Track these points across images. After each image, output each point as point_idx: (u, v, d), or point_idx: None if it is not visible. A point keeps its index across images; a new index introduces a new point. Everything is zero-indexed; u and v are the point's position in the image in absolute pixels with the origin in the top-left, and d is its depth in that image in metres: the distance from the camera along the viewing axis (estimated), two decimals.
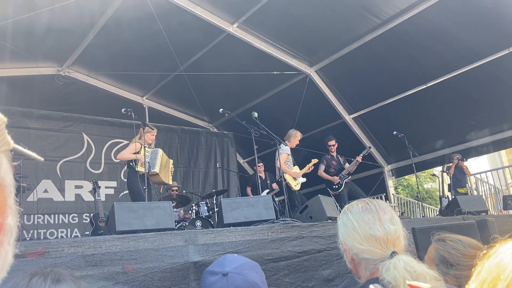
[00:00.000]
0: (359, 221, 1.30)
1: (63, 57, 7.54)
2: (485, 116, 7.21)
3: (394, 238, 1.26)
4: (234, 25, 6.72)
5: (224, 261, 1.34)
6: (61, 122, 7.91)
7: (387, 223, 1.28)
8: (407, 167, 8.36)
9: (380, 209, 1.33)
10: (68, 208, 7.56)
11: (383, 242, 1.25)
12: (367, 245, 1.26)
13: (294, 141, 6.75)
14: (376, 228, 1.27)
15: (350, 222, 1.33)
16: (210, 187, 9.26)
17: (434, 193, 18.66)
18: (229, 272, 1.29)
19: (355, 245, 1.29)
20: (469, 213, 5.08)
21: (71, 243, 2.11)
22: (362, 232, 1.28)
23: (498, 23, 5.98)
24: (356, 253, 1.29)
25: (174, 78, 8.08)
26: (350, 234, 1.32)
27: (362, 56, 7.16)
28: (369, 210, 1.33)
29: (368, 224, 1.28)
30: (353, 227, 1.31)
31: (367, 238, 1.26)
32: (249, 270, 1.33)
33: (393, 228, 1.28)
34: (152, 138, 5.49)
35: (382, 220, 1.29)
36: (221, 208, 3.68)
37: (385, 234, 1.26)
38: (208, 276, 1.31)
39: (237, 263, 1.32)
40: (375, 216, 1.30)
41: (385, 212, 1.32)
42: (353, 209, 1.36)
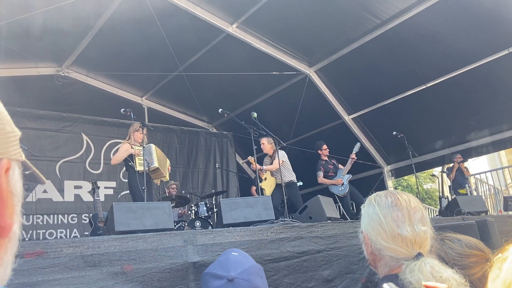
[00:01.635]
0: (387, 217, 1.23)
1: (62, 58, 7.53)
2: (484, 116, 7.21)
3: (423, 239, 1.20)
4: (233, 25, 6.71)
5: (227, 264, 1.31)
6: (60, 122, 7.89)
7: (417, 224, 1.21)
8: (407, 168, 8.36)
9: (411, 206, 1.25)
10: (67, 208, 7.55)
11: (409, 243, 1.19)
12: (393, 243, 1.20)
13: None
14: (404, 228, 1.20)
15: (376, 216, 1.25)
16: (210, 188, 9.25)
17: (433, 193, 18.66)
18: (235, 278, 1.26)
19: (379, 241, 1.23)
20: (469, 213, 5.07)
21: (69, 243, 2.11)
22: (389, 230, 1.21)
23: (497, 24, 5.99)
24: (379, 249, 1.23)
25: (174, 78, 8.07)
26: (375, 229, 1.25)
27: (361, 56, 7.15)
28: (399, 206, 1.24)
29: (396, 222, 1.21)
30: (380, 223, 1.23)
31: (394, 236, 1.20)
32: (255, 275, 1.30)
33: (423, 230, 1.21)
34: (141, 136, 5.50)
35: (412, 219, 1.22)
36: (220, 209, 3.68)
37: (414, 235, 1.19)
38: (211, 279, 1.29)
39: (242, 267, 1.29)
40: (405, 215, 1.22)
41: (416, 210, 1.24)
42: (382, 202, 1.28)
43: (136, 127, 5.54)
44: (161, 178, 5.96)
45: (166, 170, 5.81)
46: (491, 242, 3.33)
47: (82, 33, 6.71)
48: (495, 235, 3.67)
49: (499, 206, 9.33)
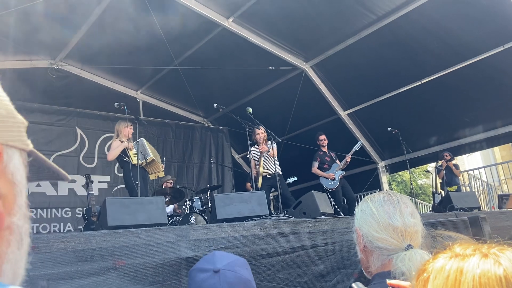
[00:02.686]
0: (379, 210, 1.29)
1: (56, 50, 7.47)
2: (479, 113, 7.25)
3: (413, 231, 1.25)
4: (229, 20, 6.68)
5: (213, 258, 1.32)
6: (54, 115, 7.84)
7: (407, 216, 1.27)
8: (401, 163, 8.40)
9: (402, 201, 1.32)
10: (61, 202, 7.51)
11: (400, 234, 1.24)
12: (384, 233, 1.25)
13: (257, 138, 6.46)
14: (395, 218, 1.26)
15: (369, 209, 1.32)
16: (205, 182, 9.23)
17: (427, 189, 18.79)
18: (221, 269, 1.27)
19: (371, 232, 1.28)
20: (462, 209, 5.10)
21: (61, 238, 2.09)
22: (380, 220, 1.27)
23: (492, 20, 6.00)
24: (371, 241, 1.28)
25: (169, 72, 8.03)
26: (367, 221, 1.30)
27: (357, 52, 7.15)
28: (390, 201, 1.32)
29: (388, 213, 1.28)
30: (372, 215, 1.30)
31: (385, 226, 1.26)
32: (240, 267, 1.31)
33: (413, 221, 1.27)
34: (131, 132, 5.49)
35: (403, 212, 1.28)
36: (214, 204, 3.67)
37: (404, 226, 1.25)
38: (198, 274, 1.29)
39: (228, 260, 1.31)
40: (396, 207, 1.29)
41: (407, 205, 1.31)
42: (374, 198, 1.36)
43: (124, 124, 5.53)
44: (157, 173, 5.96)
45: (160, 165, 5.81)
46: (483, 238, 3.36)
47: (76, 26, 6.65)
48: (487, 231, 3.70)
49: (492, 202, 9.41)
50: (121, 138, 5.50)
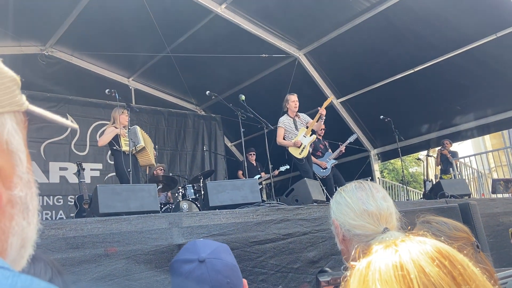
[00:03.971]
0: (353, 198, 1.32)
1: (46, 36, 7.35)
2: (470, 101, 7.29)
3: (387, 214, 1.28)
4: (222, 6, 6.60)
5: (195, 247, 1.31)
6: (45, 102, 7.74)
7: (380, 200, 1.30)
8: (393, 151, 8.44)
9: (373, 187, 1.35)
10: (52, 190, 7.48)
11: (375, 218, 1.26)
12: (360, 220, 1.27)
13: (290, 107, 6.14)
14: (369, 203, 1.28)
15: (343, 199, 1.34)
16: (197, 170, 9.23)
17: (418, 177, 18.95)
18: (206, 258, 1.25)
19: (348, 221, 1.29)
20: (452, 196, 5.16)
21: (51, 225, 2.08)
22: (355, 207, 1.29)
23: (485, 8, 5.99)
24: (348, 230, 1.29)
25: (161, 59, 7.95)
26: (342, 211, 1.32)
27: (350, 39, 7.12)
28: (362, 188, 1.34)
29: (361, 200, 1.30)
30: (346, 204, 1.32)
31: (360, 213, 1.27)
32: (225, 253, 1.31)
33: (386, 205, 1.29)
34: (126, 119, 5.45)
35: (375, 196, 1.30)
36: (206, 191, 3.67)
37: (378, 209, 1.27)
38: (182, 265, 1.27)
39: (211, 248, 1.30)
40: (368, 193, 1.31)
41: (378, 190, 1.34)
42: (347, 188, 1.38)
43: (120, 111, 5.49)
44: (148, 165, 5.95)
45: (152, 154, 5.78)
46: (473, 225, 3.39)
47: (66, 11, 6.54)
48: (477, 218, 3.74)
49: (482, 189, 9.53)
50: (117, 125, 5.47)
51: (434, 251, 0.59)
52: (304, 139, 5.98)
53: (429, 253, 0.59)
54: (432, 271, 0.56)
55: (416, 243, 0.62)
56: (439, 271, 0.56)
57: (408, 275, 0.56)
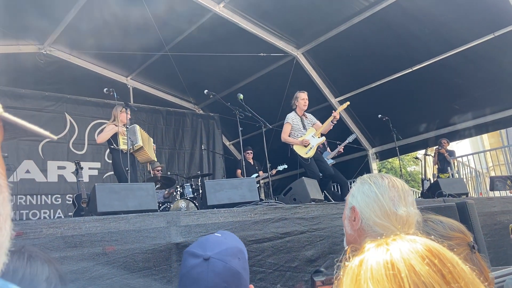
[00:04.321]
0: (384, 196, 1.27)
1: (44, 35, 7.34)
2: (468, 100, 7.30)
3: (413, 221, 1.25)
4: (220, 5, 6.60)
5: (206, 243, 1.31)
6: (43, 101, 7.74)
7: (410, 205, 1.26)
8: (391, 150, 8.46)
9: (405, 190, 1.30)
10: (50, 189, 7.48)
11: (402, 223, 1.23)
12: (386, 221, 1.23)
13: (299, 104, 5.98)
14: (400, 208, 1.24)
15: (373, 193, 1.29)
16: (196, 169, 9.24)
17: (417, 175, 18.98)
18: (211, 257, 1.26)
19: (373, 217, 1.26)
20: (450, 195, 5.17)
21: (49, 224, 2.08)
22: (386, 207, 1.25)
23: (483, 8, 6.00)
24: (370, 225, 1.26)
25: (159, 58, 7.95)
26: (369, 205, 1.28)
27: (349, 39, 7.13)
28: (396, 187, 1.29)
29: (393, 201, 1.25)
30: (376, 200, 1.27)
31: (389, 215, 1.24)
32: (232, 256, 1.30)
33: (414, 212, 1.26)
34: (126, 117, 5.45)
35: (407, 201, 1.27)
36: (204, 190, 3.68)
37: (407, 215, 1.24)
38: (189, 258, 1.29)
39: (220, 248, 1.29)
40: (400, 195, 1.27)
41: (409, 194, 1.30)
42: (378, 181, 1.32)
43: (120, 108, 5.49)
44: (148, 161, 5.94)
45: (152, 150, 5.78)
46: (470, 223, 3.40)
47: (65, 10, 6.53)
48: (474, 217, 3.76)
49: (480, 188, 9.55)
50: (117, 123, 5.46)
51: (424, 250, 0.60)
52: (313, 140, 5.87)
53: (419, 251, 0.60)
54: (422, 270, 0.57)
55: (407, 242, 0.63)
56: (429, 269, 0.57)
57: (399, 274, 0.57)
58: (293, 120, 5.91)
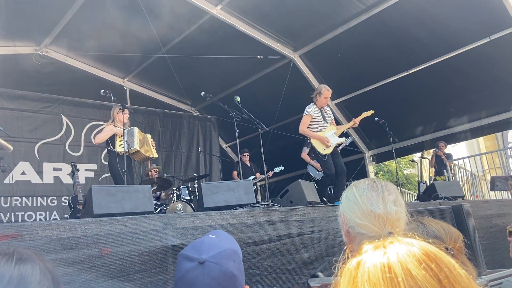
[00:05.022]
0: (362, 197, 1.31)
1: (41, 36, 7.32)
2: (464, 103, 7.33)
3: (394, 219, 1.27)
4: (217, 7, 6.61)
5: (201, 246, 1.30)
6: (39, 103, 7.72)
7: (390, 203, 1.28)
8: (388, 153, 8.47)
9: (386, 189, 1.33)
10: (46, 190, 7.44)
11: (381, 221, 1.25)
12: (366, 220, 1.26)
13: (320, 100, 5.77)
14: (378, 206, 1.27)
15: (353, 196, 1.33)
16: (192, 171, 9.22)
17: (413, 178, 19.02)
18: (206, 261, 1.25)
19: (354, 218, 1.29)
20: (446, 198, 5.19)
21: (45, 226, 2.07)
22: (363, 207, 1.28)
23: (479, 11, 6.03)
24: (353, 227, 1.29)
25: (156, 60, 7.94)
26: (350, 207, 1.32)
27: (345, 41, 7.15)
28: (374, 188, 1.33)
29: (370, 200, 1.29)
30: (355, 201, 1.31)
31: (367, 213, 1.27)
32: (227, 259, 1.29)
33: (395, 209, 1.28)
34: (124, 117, 5.44)
35: (386, 199, 1.29)
36: (201, 192, 3.67)
37: (386, 213, 1.26)
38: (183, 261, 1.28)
39: (215, 250, 1.29)
40: (379, 194, 1.30)
41: (390, 192, 1.32)
42: (359, 185, 1.37)
43: (117, 109, 5.48)
44: (147, 159, 5.92)
45: (151, 147, 5.74)
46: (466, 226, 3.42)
47: (62, 11, 6.51)
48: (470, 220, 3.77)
49: (476, 191, 9.59)
50: (116, 123, 5.44)
51: (421, 254, 0.60)
52: (333, 138, 5.74)
53: (416, 255, 0.60)
54: (418, 274, 0.57)
55: (404, 245, 0.63)
56: (426, 274, 0.57)
57: (395, 277, 0.57)
58: (314, 111, 5.72)
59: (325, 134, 5.68)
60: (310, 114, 5.68)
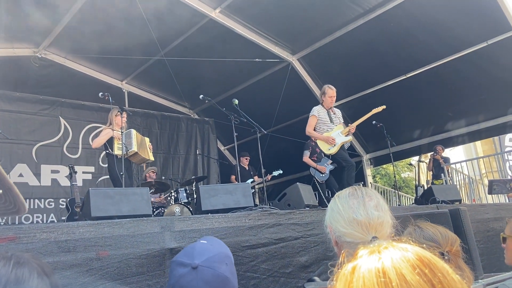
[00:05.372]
0: (344, 206, 1.35)
1: (40, 38, 7.33)
2: (462, 107, 7.37)
3: (377, 224, 1.30)
4: (216, 10, 6.63)
5: (193, 252, 1.31)
6: (37, 105, 7.71)
7: (371, 209, 1.32)
8: (385, 157, 8.50)
9: (366, 195, 1.37)
10: (44, 193, 7.42)
11: (364, 227, 1.28)
12: (349, 228, 1.30)
13: (325, 100, 5.75)
14: (359, 212, 1.31)
15: (336, 206, 1.37)
16: (190, 174, 9.22)
17: (410, 182, 19.05)
18: (199, 266, 1.26)
19: (338, 228, 1.33)
20: (443, 202, 5.20)
21: (43, 228, 2.07)
22: (345, 216, 1.32)
23: (476, 16, 6.07)
24: (339, 236, 1.33)
25: (155, 62, 7.95)
26: (334, 217, 1.36)
27: (344, 45, 7.18)
28: (355, 195, 1.37)
29: (352, 208, 1.32)
30: (338, 211, 1.35)
31: (350, 221, 1.30)
32: (219, 263, 1.30)
33: (377, 214, 1.31)
34: (121, 120, 5.43)
35: (367, 206, 1.32)
36: (199, 195, 3.67)
37: (368, 219, 1.29)
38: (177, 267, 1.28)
39: (207, 255, 1.29)
40: (360, 202, 1.34)
41: (371, 198, 1.36)
42: (341, 194, 1.42)
43: (115, 112, 5.48)
44: (144, 162, 5.92)
45: (148, 150, 5.74)
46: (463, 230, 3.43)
47: (60, 14, 6.52)
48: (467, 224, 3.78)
49: (473, 195, 9.61)
50: (113, 126, 5.43)
51: (415, 259, 0.61)
52: (339, 137, 5.66)
53: (410, 260, 0.61)
54: (413, 280, 0.58)
55: (399, 250, 0.64)
56: (420, 279, 0.58)
57: (390, 282, 0.58)
58: (319, 112, 5.68)
59: (332, 134, 5.64)
60: (314, 115, 5.67)
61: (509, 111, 7.03)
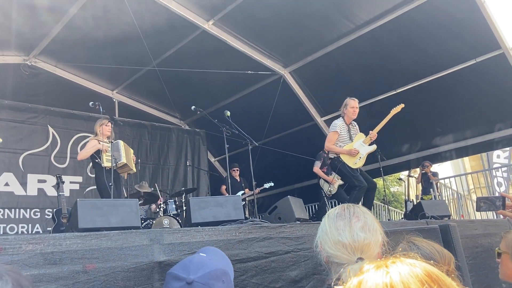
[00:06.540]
0: (331, 227, 1.37)
1: (30, 46, 7.27)
2: (450, 123, 7.45)
3: (363, 245, 1.31)
4: (209, 22, 6.66)
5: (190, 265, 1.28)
6: (26, 113, 7.61)
7: (357, 231, 1.33)
8: (375, 171, 8.50)
9: (354, 216, 1.37)
10: (30, 202, 7.29)
11: (350, 249, 1.30)
12: (335, 250, 1.32)
13: (348, 112, 5.56)
14: (344, 235, 1.32)
15: (325, 226, 1.39)
16: (180, 185, 9.14)
17: (399, 196, 19.13)
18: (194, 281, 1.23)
19: (326, 248, 1.35)
20: (433, 217, 5.21)
21: (29, 239, 2.02)
22: (331, 238, 1.34)
23: (465, 34, 6.18)
24: (328, 256, 1.35)
25: (146, 73, 7.93)
26: (323, 238, 1.38)
27: (335, 59, 7.25)
28: (342, 216, 1.38)
29: (338, 230, 1.34)
30: (326, 232, 1.37)
31: (336, 243, 1.32)
32: (216, 280, 1.27)
33: (363, 236, 1.32)
34: (108, 130, 5.37)
35: (353, 227, 1.34)
36: (189, 207, 3.63)
37: (353, 241, 1.31)
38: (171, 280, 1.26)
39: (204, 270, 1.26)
40: (346, 223, 1.35)
41: (359, 219, 1.36)
42: (331, 214, 1.43)
43: (102, 122, 5.39)
44: (128, 172, 5.84)
45: (132, 162, 5.66)
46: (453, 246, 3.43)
47: (52, 22, 6.49)
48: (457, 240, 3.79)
49: (461, 211, 9.67)
50: (99, 137, 5.35)
51: (423, 275, 0.61)
52: (362, 148, 5.42)
53: (418, 276, 0.60)
54: None
55: (407, 266, 0.63)
56: None
57: None
58: (341, 129, 5.45)
59: (354, 145, 5.41)
60: (336, 131, 5.41)
61: (496, 128, 7.12)
